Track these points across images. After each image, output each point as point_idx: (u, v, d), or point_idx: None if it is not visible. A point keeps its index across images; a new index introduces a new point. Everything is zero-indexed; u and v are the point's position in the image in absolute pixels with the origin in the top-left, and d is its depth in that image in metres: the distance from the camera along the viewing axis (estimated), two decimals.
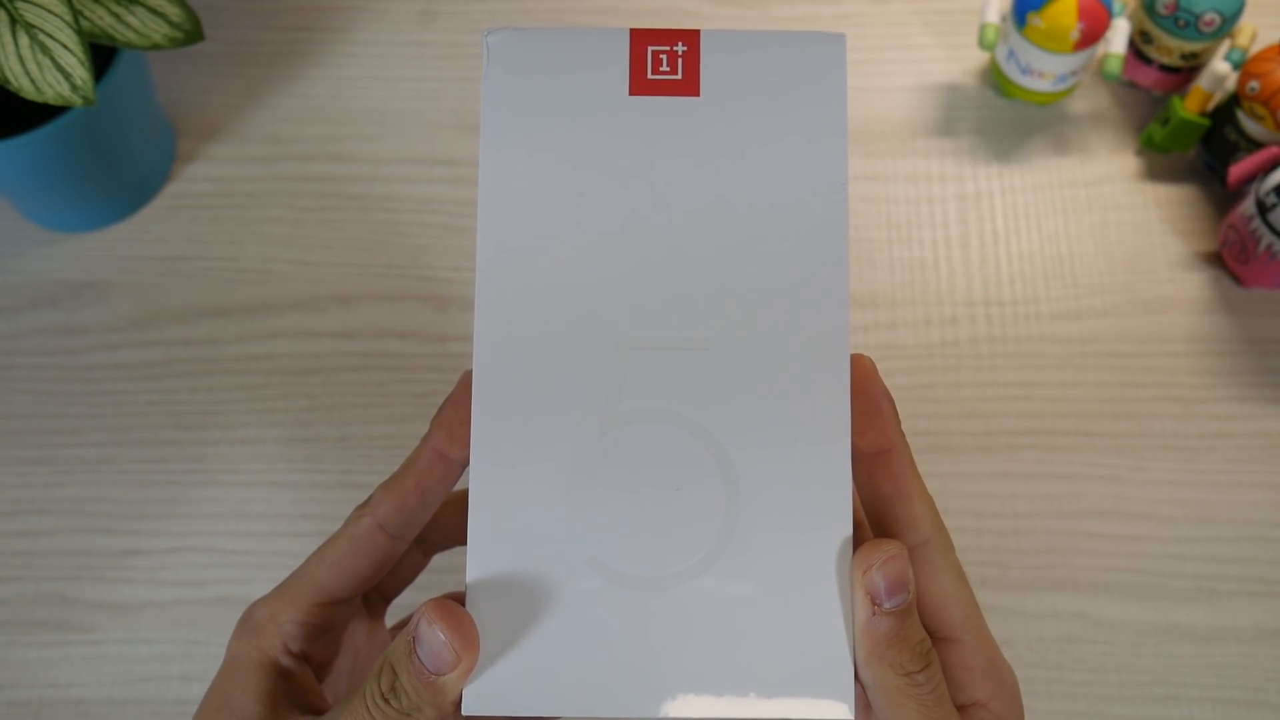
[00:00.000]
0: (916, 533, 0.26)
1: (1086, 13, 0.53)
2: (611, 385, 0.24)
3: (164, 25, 0.46)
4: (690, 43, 0.25)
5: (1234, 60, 0.54)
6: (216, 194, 0.58)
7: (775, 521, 0.24)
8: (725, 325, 0.24)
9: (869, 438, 0.26)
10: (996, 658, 0.26)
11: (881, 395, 0.26)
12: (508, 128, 0.25)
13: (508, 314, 0.25)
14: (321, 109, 0.60)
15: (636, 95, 0.25)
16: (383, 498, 0.28)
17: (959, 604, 0.26)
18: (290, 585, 0.28)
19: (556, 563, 0.24)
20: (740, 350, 0.24)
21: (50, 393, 0.53)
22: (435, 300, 0.55)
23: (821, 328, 0.24)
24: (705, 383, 0.24)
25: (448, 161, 0.59)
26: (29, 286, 0.56)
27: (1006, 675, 0.27)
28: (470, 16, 0.63)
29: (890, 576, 0.24)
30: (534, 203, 0.25)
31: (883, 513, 0.26)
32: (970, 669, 0.26)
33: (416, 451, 0.28)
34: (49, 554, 0.50)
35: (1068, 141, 0.58)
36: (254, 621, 0.28)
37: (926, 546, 0.26)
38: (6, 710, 0.47)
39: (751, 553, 0.24)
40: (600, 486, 0.24)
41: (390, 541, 0.29)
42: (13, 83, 0.42)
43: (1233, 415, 0.51)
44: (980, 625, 0.26)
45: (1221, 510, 0.50)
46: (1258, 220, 0.51)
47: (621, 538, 0.24)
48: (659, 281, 0.25)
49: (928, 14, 0.62)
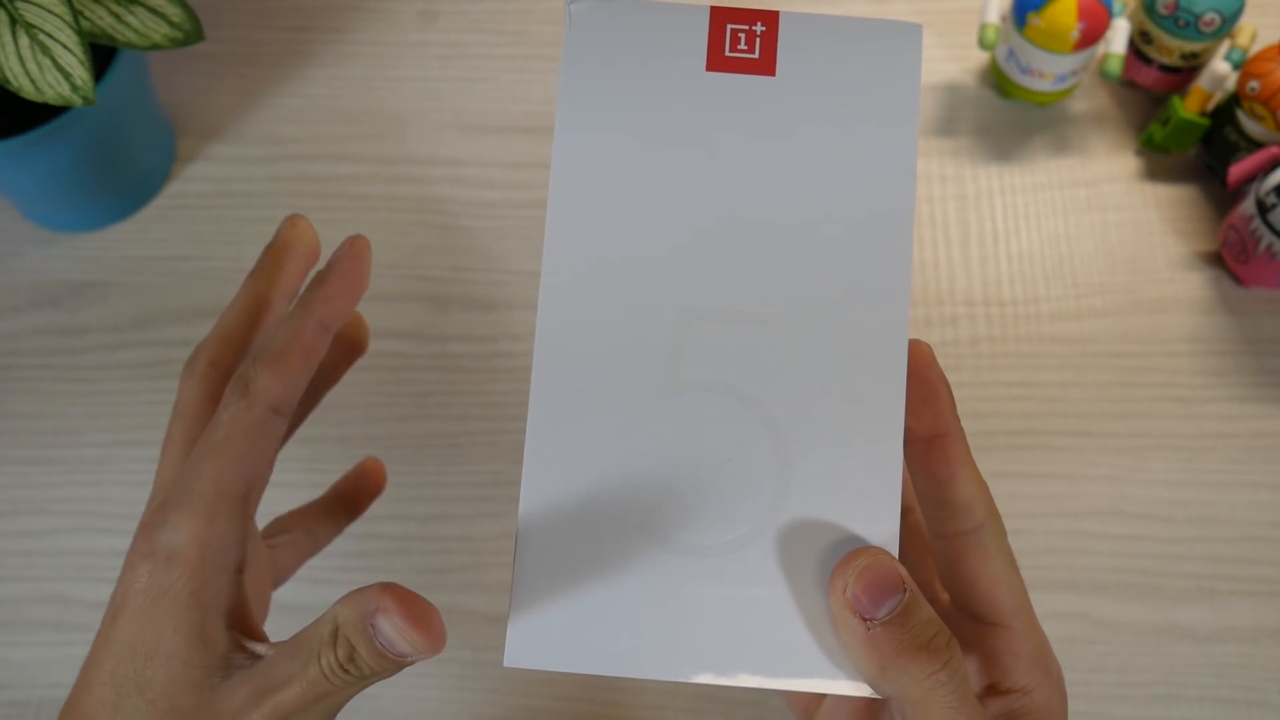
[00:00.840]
0: (970, 517, 0.26)
1: (1086, 13, 0.53)
2: (671, 354, 0.25)
3: (164, 25, 0.46)
4: (769, 23, 0.26)
5: (1234, 60, 0.54)
6: (217, 194, 0.58)
7: (824, 503, 0.24)
8: (787, 302, 0.24)
9: (925, 421, 0.26)
10: (1044, 647, 0.26)
11: (938, 380, 0.26)
12: (584, 97, 0.26)
13: (574, 278, 0.25)
14: (322, 109, 0.60)
15: (713, 71, 0.25)
16: (270, 380, 0.26)
17: (1010, 590, 0.26)
18: (196, 498, 0.25)
19: (606, 523, 0.24)
20: (800, 327, 0.24)
21: (50, 393, 0.53)
22: (435, 300, 0.55)
23: (882, 311, 0.24)
24: (764, 357, 0.24)
25: (449, 161, 0.59)
26: (29, 286, 0.56)
27: (1053, 665, 0.26)
28: (470, 16, 0.63)
29: (871, 586, 0.23)
30: (605, 172, 0.25)
31: (936, 496, 0.26)
32: (1018, 655, 0.26)
33: (297, 324, 0.27)
34: (49, 554, 0.50)
35: (1068, 141, 0.58)
36: (173, 547, 0.25)
37: (980, 530, 0.26)
38: (6, 710, 0.47)
39: (798, 532, 0.24)
40: (654, 452, 0.24)
41: (281, 422, 0.27)
42: (13, 83, 0.42)
43: (1233, 415, 0.51)
44: (1030, 613, 0.26)
45: (1221, 510, 0.50)
46: (1258, 220, 0.51)
47: (671, 504, 0.24)
48: (724, 255, 0.25)
49: (928, 14, 0.62)
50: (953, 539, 0.26)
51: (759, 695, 0.46)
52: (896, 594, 0.23)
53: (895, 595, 0.23)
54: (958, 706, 0.23)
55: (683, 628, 0.24)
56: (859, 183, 0.25)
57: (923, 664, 0.23)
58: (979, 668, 0.26)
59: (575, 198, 0.25)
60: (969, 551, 0.26)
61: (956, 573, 0.27)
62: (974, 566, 0.26)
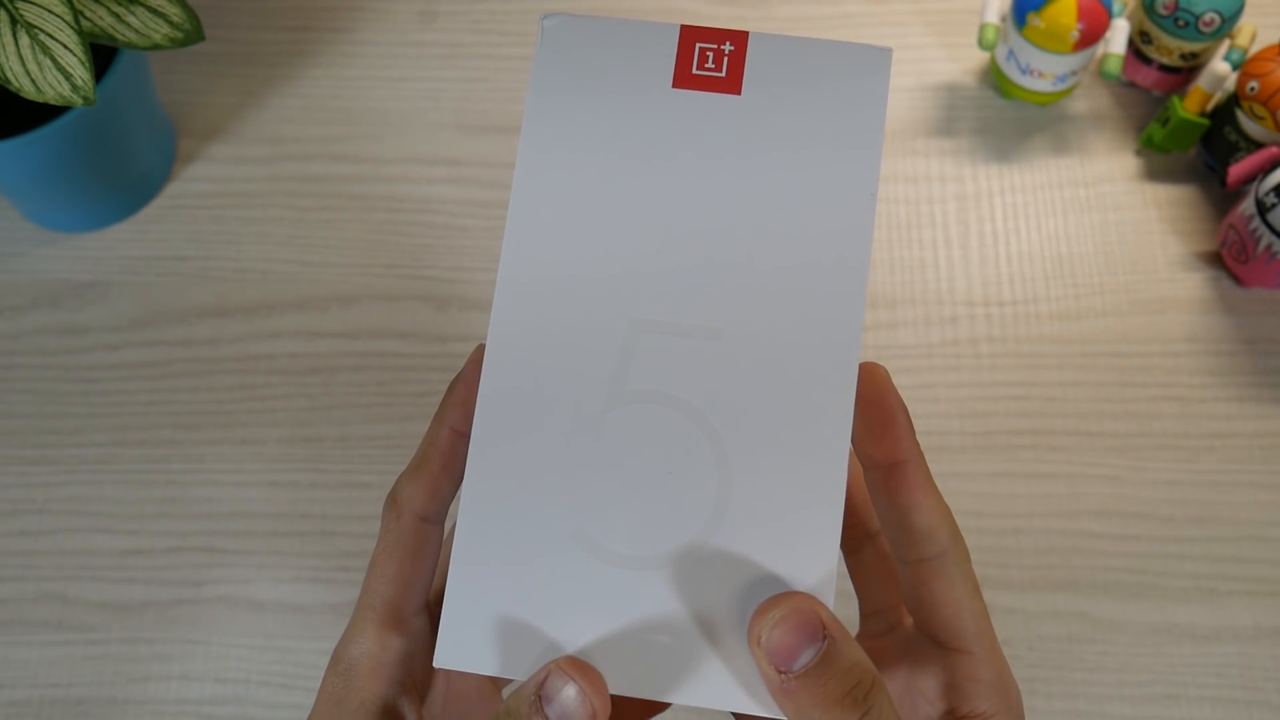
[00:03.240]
0: (933, 543, 0.26)
1: (1086, 13, 0.53)
2: (620, 364, 0.24)
3: (164, 25, 0.46)
4: (738, 43, 0.26)
5: (1234, 60, 0.54)
6: (217, 194, 0.58)
7: (759, 533, 0.24)
8: (739, 318, 0.24)
9: (884, 449, 0.26)
10: (1005, 672, 0.26)
11: (896, 405, 0.26)
12: (551, 110, 0.26)
13: (528, 287, 0.25)
14: (322, 109, 0.60)
15: (679, 89, 0.26)
16: (413, 490, 0.27)
17: (973, 616, 0.26)
18: (366, 612, 0.27)
19: (542, 529, 0.24)
20: (750, 344, 0.24)
21: (51, 392, 0.53)
22: (435, 300, 0.55)
23: (834, 332, 0.24)
24: (712, 372, 0.24)
25: (448, 161, 0.59)
26: (29, 286, 0.56)
27: (1013, 692, 0.26)
28: (470, 16, 0.63)
29: (787, 635, 0.22)
30: (567, 184, 0.26)
31: (899, 523, 0.26)
32: (979, 682, 0.26)
33: (433, 433, 0.28)
34: (49, 554, 0.50)
35: (1068, 141, 0.58)
36: (348, 660, 0.26)
37: (944, 558, 0.26)
38: (7, 710, 0.47)
39: (730, 557, 0.24)
40: (594, 461, 0.24)
41: (435, 530, 0.28)
42: (13, 83, 0.42)
43: (1233, 415, 0.51)
44: (991, 639, 0.26)
45: (1221, 510, 0.50)
46: (1257, 220, 0.51)
47: (608, 514, 0.24)
48: (679, 269, 0.25)
49: (928, 14, 0.62)
50: (916, 565, 0.26)
51: None
52: (814, 643, 0.22)
53: (813, 645, 0.22)
54: None
55: (606, 639, 0.23)
56: (818, 204, 0.25)
57: (838, 716, 0.22)
58: (940, 693, 0.27)
59: (536, 208, 0.26)
60: (932, 578, 0.26)
61: (920, 598, 0.26)
62: (937, 592, 0.26)
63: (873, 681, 0.23)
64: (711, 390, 0.24)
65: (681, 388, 0.24)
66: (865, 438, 0.26)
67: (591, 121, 0.26)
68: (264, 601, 0.49)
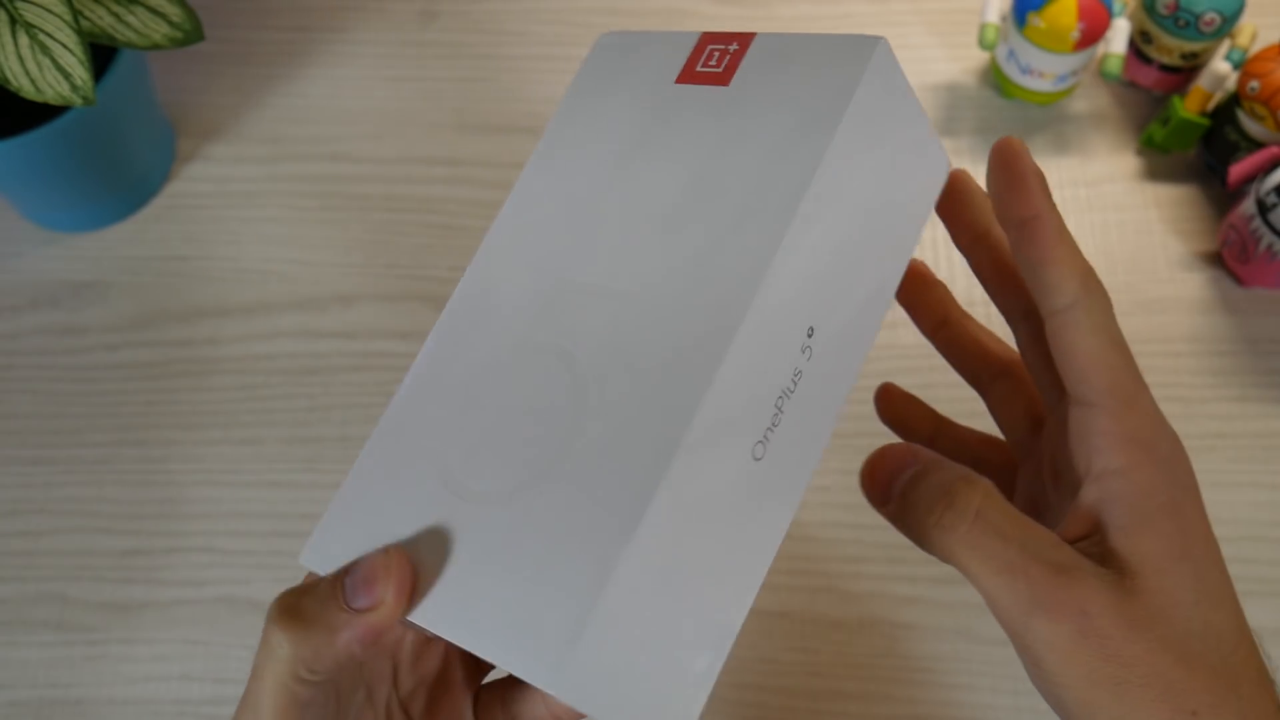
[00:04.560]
0: (1062, 294, 0.25)
1: (1086, 13, 0.53)
2: (536, 318, 0.26)
3: (164, 25, 0.46)
4: (743, 43, 0.27)
5: (1234, 60, 0.54)
6: (216, 194, 0.58)
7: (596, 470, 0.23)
8: (655, 284, 0.25)
9: (1015, 208, 0.25)
10: (1146, 425, 0.25)
11: (1027, 167, 0.26)
12: (575, 106, 0.28)
13: (495, 252, 0.27)
14: (321, 109, 0.60)
15: (680, 83, 0.27)
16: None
17: (1106, 368, 0.25)
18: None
19: (418, 463, 0.25)
20: (653, 309, 0.24)
21: (51, 393, 0.53)
22: (435, 300, 0.55)
23: (723, 306, 0.24)
24: (610, 330, 0.25)
25: (448, 161, 0.59)
26: (29, 286, 0.56)
27: (1161, 444, 0.25)
28: (470, 16, 0.63)
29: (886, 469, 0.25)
30: (564, 162, 0.28)
31: (1031, 280, 0.26)
32: (1108, 434, 0.25)
33: None
34: (49, 554, 0.50)
35: (1068, 141, 0.58)
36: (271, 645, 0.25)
37: (1074, 308, 0.25)
38: (7, 710, 0.47)
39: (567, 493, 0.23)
40: (479, 406, 0.25)
41: None
42: (13, 83, 0.42)
43: (1233, 415, 0.51)
44: (1130, 393, 0.25)
45: (1221, 510, 0.50)
46: (1258, 220, 0.51)
47: (471, 454, 0.25)
48: (623, 240, 0.26)
49: (928, 14, 0.62)
50: (1050, 319, 0.26)
51: (760, 696, 0.47)
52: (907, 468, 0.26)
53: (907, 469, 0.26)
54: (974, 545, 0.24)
55: (458, 579, 0.23)
56: (760, 177, 0.25)
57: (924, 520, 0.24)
58: (1076, 454, 0.26)
59: (534, 182, 0.28)
60: (1063, 331, 0.25)
61: (1056, 354, 0.26)
62: (1066, 344, 0.25)
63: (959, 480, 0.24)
64: (599, 345, 0.24)
65: (574, 341, 0.25)
66: (1000, 200, 0.26)
67: (601, 112, 0.28)
68: (264, 601, 0.49)
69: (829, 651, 0.47)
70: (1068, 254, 0.25)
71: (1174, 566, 0.23)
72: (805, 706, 0.46)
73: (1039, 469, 0.30)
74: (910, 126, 0.27)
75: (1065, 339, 0.25)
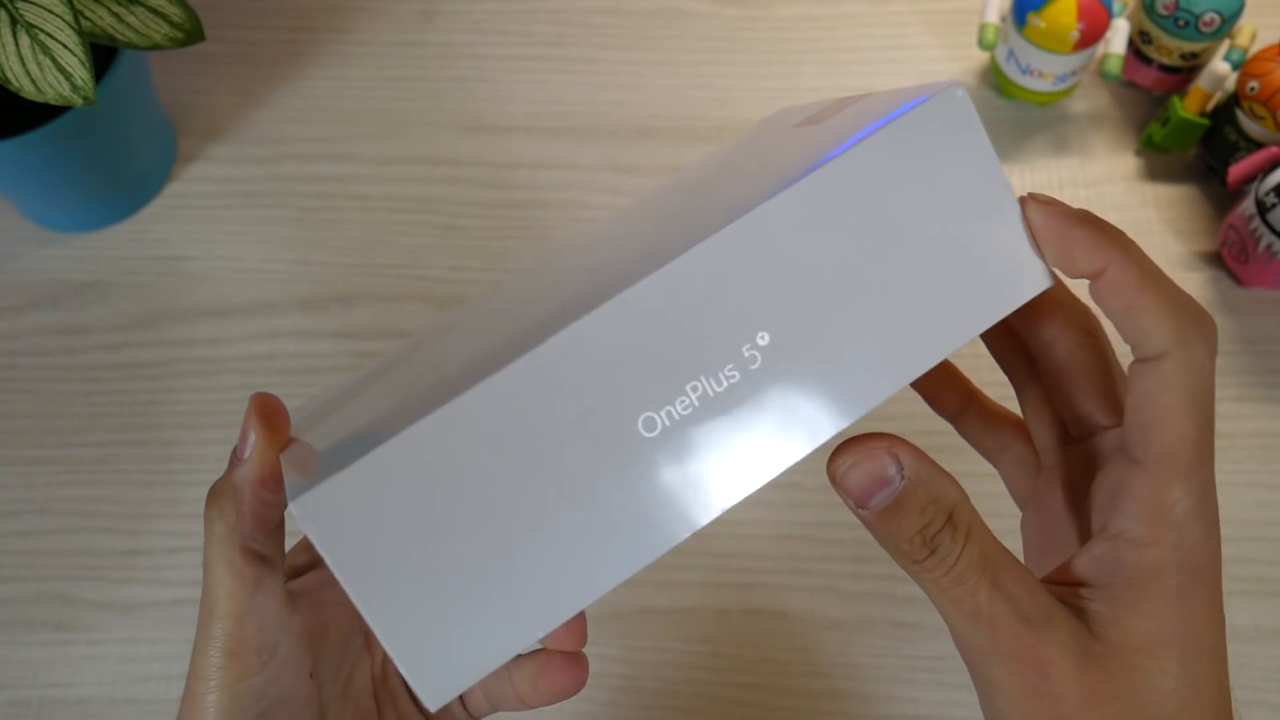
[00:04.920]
0: (1151, 344, 0.23)
1: (1086, 13, 0.53)
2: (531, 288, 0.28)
3: (164, 25, 0.46)
4: (854, 101, 0.28)
5: (1234, 60, 0.54)
6: (217, 194, 0.58)
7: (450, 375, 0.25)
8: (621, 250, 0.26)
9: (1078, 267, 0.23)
10: (1184, 505, 0.23)
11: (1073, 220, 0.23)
12: None
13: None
14: (322, 109, 0.60)
15: (796, 128, 0.29)
16: None
17: (1170, 433, 0.22)
18: None
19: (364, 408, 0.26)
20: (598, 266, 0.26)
21: (51, 393, 0.53)
22: (435, 300, 0.55)
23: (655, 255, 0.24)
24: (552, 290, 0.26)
25: (448, 161, 0.59)
26: (29, 286, 0.56)
27: (1193, 527, 0.23)
28: (470, 16, 0.63)
29: (859, 482, 0.22)
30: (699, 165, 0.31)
31: (1118, 326, 0.23)
32: (1139, 500, 0.23)
33: None
34: (49, 554, 0.50)
35: (1068, 141, 0.58)
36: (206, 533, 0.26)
37: (1164, 360, 0.22)
38: (7, 710, 0.47)
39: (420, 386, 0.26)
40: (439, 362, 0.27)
41: None
42: (13, 83, 0.42)
43: (1232, 415, 0.51)
44: (1185, 466, 0.23)
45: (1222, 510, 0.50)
46: (1257, 220, 0.51)
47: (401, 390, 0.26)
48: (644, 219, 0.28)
49: (928, 14, 0.62)
50: (1136, 364, 0.23)
51: (760, 696, 0.47)
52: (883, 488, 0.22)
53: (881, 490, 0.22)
54: (951, 585, 0.23)
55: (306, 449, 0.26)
56: (766, 167, 0.26)
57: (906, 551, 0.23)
58: (1103, 502, 0.24)
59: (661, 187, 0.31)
60: (1142, 377, 0.23)
61: (1129, 401, 0.24)
62: (1142, 394, 0.23)
63: (944, 524, 0.22)
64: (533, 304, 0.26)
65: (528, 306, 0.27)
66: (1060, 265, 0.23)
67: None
68: None
69: (829, 651, 0.47)
70: (1154, 300, 0.23)
71: (1159, 650, 0.22)
72: (805, 706, 0.46)
73: (1062, 484, 0.29)
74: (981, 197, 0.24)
75: (1142, 388, 0.23)
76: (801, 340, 0.23)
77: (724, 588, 0.49)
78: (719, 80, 0.60)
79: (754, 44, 0.61)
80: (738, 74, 0.60)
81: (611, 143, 0.59)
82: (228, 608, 0.25)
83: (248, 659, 0.25)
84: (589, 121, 0.60)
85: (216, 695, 0.25)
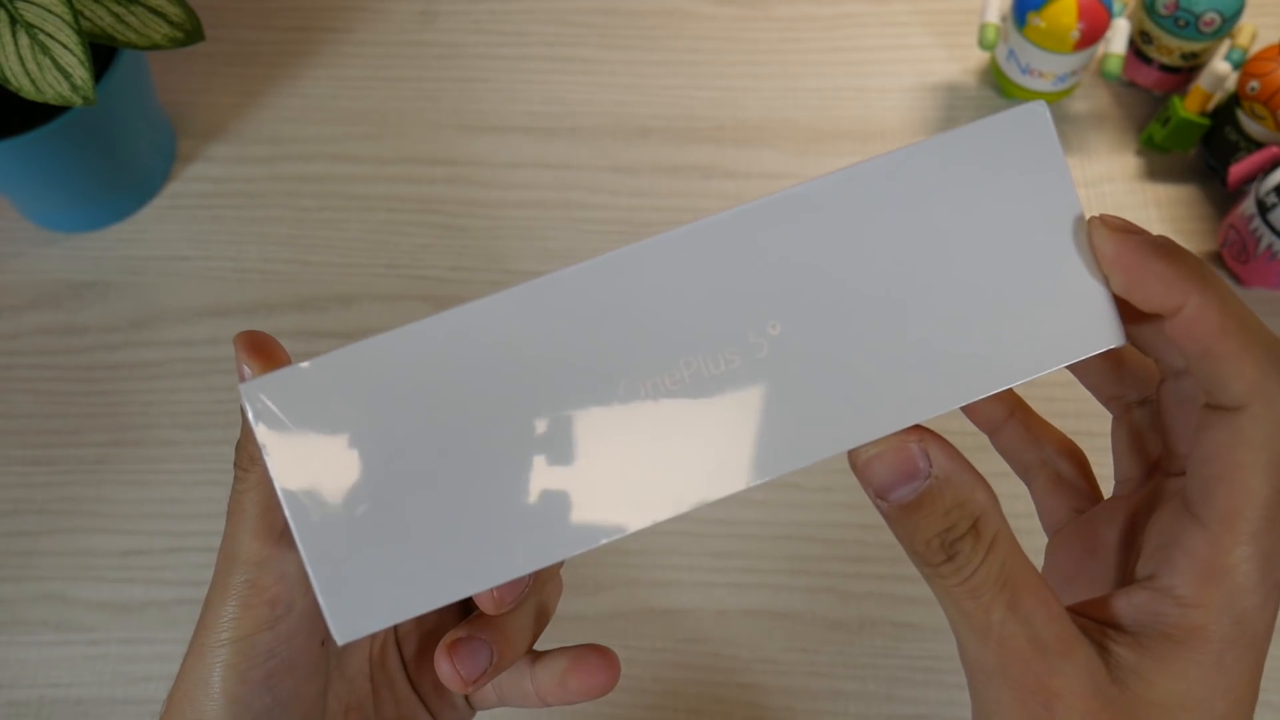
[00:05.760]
0: (1226, 395, 0.21)
1: (1086, 13, 0.53)
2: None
3: (164, 25, 0.46)
4: None
5: (1234, 60, 0.54)
6: (217, 194, 0.58)
7: None
8: None
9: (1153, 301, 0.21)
10: (1243, 571, 0.21)
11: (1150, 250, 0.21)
12: None
13: None
14: (322, 109, 0.60)
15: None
16: None
17: (1238, 493, 0.21)
18: None
19: None
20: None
21: (50, 393, 0.53)
22: (435, 300, 0.55)
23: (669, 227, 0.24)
24: None
25: (448, 161, 0.59)
26: (29, 286, 0.56)
27: (1248, 596, 0.21)
28: (470, 16, 0.63)
29: (882, 472, 0.21)
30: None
31: (1193, 368, 0.22)
32: (1193, 558, 0.21)
33: None
34: (49, 554, 0.50)
35: (1068, 141, 0.58)
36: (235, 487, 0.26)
37: (1240, 414, 0.21)
38: (6, 710, 0.47)
39: None
40: None
41: None
42: (13, 83, 0.42)
43: None
44: (1251, 530, 0.21)
45: None
46: (1258, 220, 0.51)
47: None
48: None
49: (928, 14, 0.62)
50: (1207, 411, 0.22)
51: (760, 696, 0.47)
52: (911, 482, 0.21)
53: (908, 484, 0.21)
54: (965, 597, 0.21)
55: None
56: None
57: (924, 554, 0.21)
58: (1153, 552, 0.23)
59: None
60: (1213, 426, 0.21)
61: (1196, 452, 0.22)
62: (1211, 447, 0.21)
63: (967, 530, 0.21)
64: None
65: None
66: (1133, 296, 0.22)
67: None
68: None
69: (829, 651, 0.47)
70: (1237, 347, 0.21)
71: (1180, 713, 0.21)
72: (805, 706, 0.46)
73: (1126, 517, 0.27)
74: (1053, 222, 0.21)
75: (1211, 439, 0.21)
76: (817, 340, 0.21)
77: (724, 588, 0.49)
78: (719, 80, 0.60)
79: (754, 44, 0.61)
80: (738, 74, 0.60)
81: (611, 143, 0.59)
82: (251, 553, 0.25)
83: (262, 611, 0.24)
84: (589, 121, 0.60)
85: (226, 650, 0.24)
